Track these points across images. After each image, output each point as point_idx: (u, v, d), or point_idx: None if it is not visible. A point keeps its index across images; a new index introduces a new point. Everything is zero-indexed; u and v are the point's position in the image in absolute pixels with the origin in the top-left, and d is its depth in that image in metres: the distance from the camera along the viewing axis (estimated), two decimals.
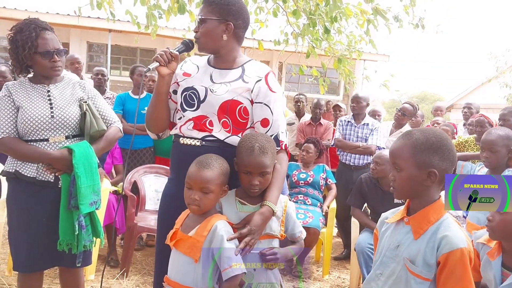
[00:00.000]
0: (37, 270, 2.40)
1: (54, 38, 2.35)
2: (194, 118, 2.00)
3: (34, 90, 2.37)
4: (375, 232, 1.89)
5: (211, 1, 2.00)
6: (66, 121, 2.35)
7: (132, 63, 13.01)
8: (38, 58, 2.31)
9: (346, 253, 4.67)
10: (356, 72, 7.28)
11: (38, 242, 2.31)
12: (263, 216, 1.86)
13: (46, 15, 10.58)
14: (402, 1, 4.99)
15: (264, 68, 2.06)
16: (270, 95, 2.00)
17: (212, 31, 1.98)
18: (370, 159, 4.44)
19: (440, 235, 1.57)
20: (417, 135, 1.63)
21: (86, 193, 2.30)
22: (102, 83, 5.26)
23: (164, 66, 2.01)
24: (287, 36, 5.96)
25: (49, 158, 2.28)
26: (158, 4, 5.05)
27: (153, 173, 4.32)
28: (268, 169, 1.87)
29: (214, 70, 2.06)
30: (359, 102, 4.78)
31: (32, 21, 2.33)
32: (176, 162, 2.06)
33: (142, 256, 4.29)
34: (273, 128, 2.02)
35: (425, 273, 1.57)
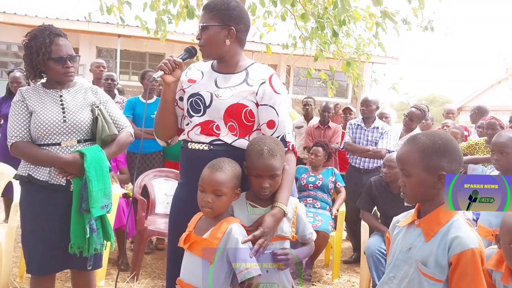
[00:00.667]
0: (49, 273, 2.43)
1: (68, 44, 2.39)
2: (201, 123, 2.02)
3: (47, 95, 2.41)
4: (388, 236, 1.89)
5: (211, 8, 2.02)
6: (78, 125, 2.38)
7: (141, 68, 13.12)
8: (51, 64, 2.34)
9: (356, 257, 4.65)
10: (364, 75, 7.28)
11: (50, 245, 2.34)
12: (275, 218, 1.87)
13: (56, 21, 10.69)
14: (411, 3, 4.99)
15: (267, 70, 2.08)
16: (275, 97, 2.01)
17: (215, 37, 2.00)
18: (380, 162, 4.42)
19: (451, 236, 1.57)
20: (423, 140, 1.63)
21: (97, 196, 2.33)
22: (112, 88, 5.30)
23: (169, 74, 2.03)
24: (295, 40, 5.99)
25: (61, 162, 2.30)
26: (167, 9, 5.10)
27: (163, 176, 4.34)
28: (277, 172, 1.88)
29: (218, 75, 2.08)
30: (368, 106, 4.77)
31: (46, 27, 2.37)
32: (185, 167, 2.08)
33: (152, 260, 4.31)
34: (279, 129, 2.03)
35: (438, 274, 1.58)
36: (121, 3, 5.01)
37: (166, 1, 5.05)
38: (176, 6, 5.10)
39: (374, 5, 4.91)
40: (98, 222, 2.39)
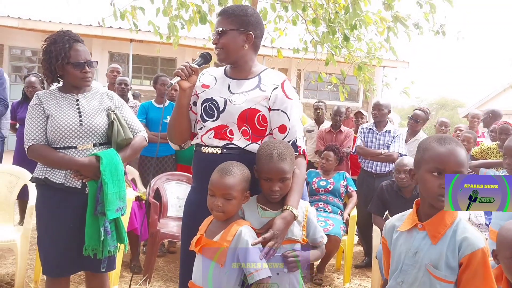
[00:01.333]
0: (64, 275, 2.47)
1: (86, 50, 2.45)
2: (214, 127, 2.06)
3: (64, 99, 2.46)
4: (383, 241, 1.88)
5: (229, 13, 2.06)
6: (94, 129, 2.42)
7: (153, 73, 13.22)
8: (70, 68, 2.40)
9: (367, 261, 4.64)
10: (376, 79, 7.27)
11: (65, 247, 2.37)
12: (285, 221, 1.89)
13: (69, 26, 10.83)
14: (422, 8, 4.98)
15: (280, 76, 2.12)
16: (286, 102, 2.06)
17: (233, 42, 2.04)
18: (392, 166, 4.40)
19: (460, 237, 1.59)
20: None
21: (112, 199, 2.37)
22: (125, 93, 5.37)
23: (185, 80, 2.06)
24: (306, 44, 6.01)
25: (78, 165, 2.35)
26: (179, 14, 5.14)
27: (175, 180, 4.38)
28: (287, 175, 1.91)
29: (231, 81, 2.12)
30: (380, 110, 4.76)
31: (66, 33, 2.44)
32: (198, 171, 2.11)
33: (164, 263, 4.35)
34: (290, 134, 2.06)
35: (449, 276, 1.59)
36: (135, 8, 5.07)
37: (179, 7, 5.10)
38: (189, 11, 5.15)
39: (386, 9, 4.91)
40: (112, 225, 2.43)
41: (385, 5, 4.83)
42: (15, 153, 4.82)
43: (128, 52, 11.95)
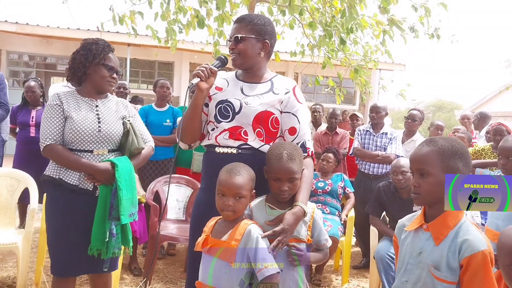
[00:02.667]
0: (72, 275, 2.53)
1: (118, 61, 2.61)
2: (229, 128, 2.12)
3: (84, 102, 2.53)
4: (394, 239, 1.93)
5: (248, 21, 2.14)
6: (111, 136, 2.49)
7: (150, 76, 13.26)
8: (102, 68, 2.51)
9: (365, 262, 4.68)
10: (372, 82, 7.33)
11: (75, 247, 2.43)
12: (295, 216, 1.95)
13: (67, 31, 10.89)
14: (418, 11, 5.05)
15: (291, 82, 2.24)
16: (297, 106, 2.17)
17: (251, 49, 2.13)
18: (389, 168, 4.46)
19: (461, 239, 1.61)
20: (441, 142, 1.68)
21: (126, 205, 2.44)
22: (124, 96, 5.41)
23: (203, 81, 2.11)
24: (303, 48, 6.06)
25: (94, 170, 2.41)
26: (177, 19, 5.19)
27: (174, 183, 4.42)
28: (296, 175, 1.97)
29: (244, 84, 2.20)
30: (378, 112, 4.82)
31: (105, 42, 2.59)
32: (211, 171, 2.13)
33: (164, 265, 4.38)
34: (300, 136, 2.16)
35: (450, 277, 1.62)
36: (133, 13, 5.12)
37: (177, 11, 5.15)
38: (187, 15, 5.20)
39: (381, 13, 4.97)
40: (119, 228, 2.48)
41: (381, 8, 4.90)
42: (15, 157, 4.84)
43: (125, 56, 11.98)
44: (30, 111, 4.87)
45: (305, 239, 2.01)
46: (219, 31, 5.50)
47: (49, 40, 11.82)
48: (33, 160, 4.47)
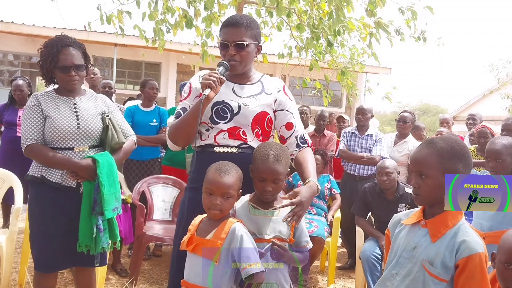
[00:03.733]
0: (56, 270, 2.58)
1: (76, 54, 2.51)
2: (228, 129, 2.14)
3: (62, 101, 2.54)
4: (387, 233, 1.94)
5: (246, 26, 2.12)
6: (90, 132, 2.52)
7: (137, 77, 13.19)
8: (57, 72, 2.49)
9: (351, 263, 4.72)
10: (358, 85, 7.38)
11: (59, 244, 2.46)
12: (311, 190, 2.01)
13: (53, 30, 10.77)
14: (404, 14, 5.10)
15: (279, 81, 2.32)
16: (290, 103, 2.27)
17: (251, 54, 2.17)
18: (375, 169, 4.49)
19: (459, 239, 1.63)
20: (441, 144, 1.69)
21: (109, 200, 2.48)
22: (109, 96, 5.37)
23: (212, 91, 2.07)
24: (290, 50, 6.08)
25: (76, 167, 2.45)
26: (165, 19, 5.18)
27: (161, 183, 4.40)
28: (281, 177, 1.98)
29: (234, 85, 2.21)
30: (364, 114, 4.87)
31: (59, 38, 2.52)
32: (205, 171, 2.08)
33: (150, 266, 4.36)
34: (296, 130, 2.25)
35: (443, 274, 1.64)
36: (121, 13, 5.09)
37: (165, 11, 5.13)
38: (175, 15, 5.19)
39: (368, 16, 5.01)
40: (105, 223, 2.52)
41: (367, 11, 4.94)
42: (0, 156, 4.78)
43: (112, 56, 11.92)
44: (17, 110, 4.83)
45: (287, 239, 2.01)
46: (207, 32, 5.49)
47: (35, 39, 11.68)
48: (18, 159, 4.40)
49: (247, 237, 1.85)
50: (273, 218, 1.99)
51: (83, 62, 2.55)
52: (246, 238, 1.84)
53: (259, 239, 1.94)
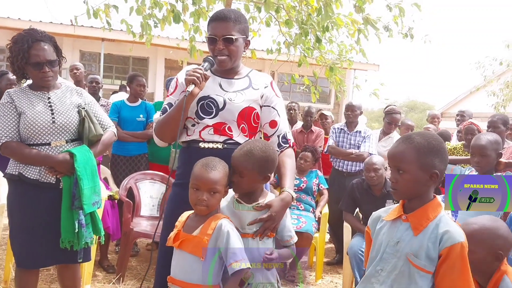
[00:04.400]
0: (38, 267, 2.55)
1: (48, 49, 2.44)
2: (213, 124, 2.11)
3: (35, 96, 2.49)
4: (367, 230, 1.94)
5: (235, 20, 2.10)
6: (66, 126, 2.48)
7: (124, 72, 13.07)
8: (29, 68, 2.44)
9: (339, 258, 4.73)
10: (346, 81, 7.39)
11: (40, 240, 2.43)
12: (283, 202, 1.98)
13: (39, 24, 10.61)
14: (392, 11, 5.11)
15: (267, 77, 2.28)
16: (276, 100, 2.22)
17: (240, 49, 2.14)
18: (363, 165, 4.51)
19: (442, 230, 1.65)
20: (418, 139, 1.71)
21: (88, 194, 2.45)
22: (96, 91, 5.33)
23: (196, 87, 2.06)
24: (279, 45, 6.07)
25: (53, 162, 2.40)
26: (153, 13, 5.13)
27: (148, 179, 4.37)
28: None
29: (221, 79, 2.19)
30: (353, 111, 4.89)
31: (28, 32, 2.44)
32: (191, 166, 2.07)
33: (137, 262, 4.33)
34: (280, 128, 2.21)
35: (428, 266, 1.66)
36: (108, 7, 5.04)
37: (152, 5, 5.09)
38: (162, 10, 5.14)
39: (357, 12, 5.02)
40: (88, 217, 2.49)
41: (356, 7, 4.95)
42: None
43: (99, 51, 11.80)
44: None
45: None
46: (195, 27, 5.46)
47: None
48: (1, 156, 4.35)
49: (233, 233, 1.84)
50: (256, 213, 1.97)
51: (56, 57, 2.48)
52: (232, 234, 1.83)
53: (242, 234, 1.93)
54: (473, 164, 3.09)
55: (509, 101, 14.07)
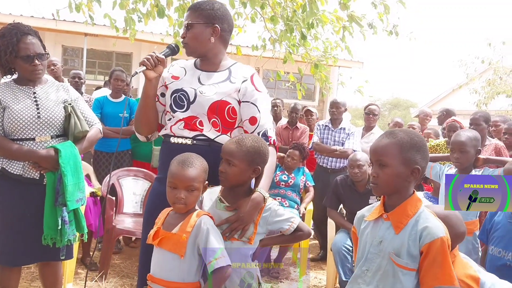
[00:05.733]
0: (21, 264, 2.52)
1: (36, 43, 2.43)
2: (184, 118, 2.08)
3: (21, 91, 2.45)
4: (353, 230, 1.95)
5: (197, 7, 2.10)
6: (52, 121, 2.44)
7: (107, 67, 12.91)
8: (19, 62, 2.39)
9: (323, 254, 4.76)
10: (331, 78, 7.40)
11: (23, 237, 2.39)
12: (253, 203, 1.93)
13: (20, 18, 10.42)
14: (377, 8, 5.13)
15: (249, 69, 2.18)
16: (256, 94, 2.12)
17: (200, 35, 2.08)
18: (347, 162, 4.53)
19: (421, 226, 1.66)
20: (401, 135, 1.72)
21: (72, 190, 2.41)
22: (79, 86, 5.25)
23: (151, 70, 2.07)
24: (264, 42, 6.04)
25: (37, 157, 2.37)
26: (137, 8, 5.07)
27: (131, 176, 4.33)
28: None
29: (201, 73, 2.15)
30: (338, 107, 4.93)
31: (15, 26, 2.41)
32: (166, 161, 2.07)
33: (120, 259, 4.29)
34: (260, 125, 2.12)
35: (411, 264, 1.67)
36: (91, 1, 4.95)
37: (136, 0, 5.02)
38: (146, 4, 5.08)
39: (342, 9, 5.02)
40: (71, 214, 2.46)
41: (341, 4, 4.95)
42: None
43: (82, 46, 11.63)
44: None
45: (247, 238, 1.94)
46: (179, 22, 5.39)
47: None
48: None
49: (213, 230, 1.82)
50: (229, 213, 1.94)
51: (43, 51, 2.46)
52: (212, 231, 1.81)
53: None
54: (452, 160, 3.14)
55: (491, 98, 14.24)
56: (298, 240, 2.12)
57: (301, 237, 2.07)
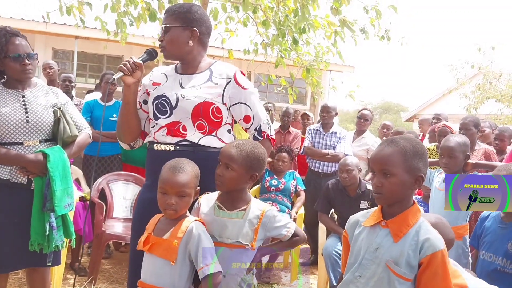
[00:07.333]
0: (9, 271, 2.48)
1: (25, 44, 2.41)
2: (167, 124, 2.05)
3: (9, 94, 2.42)
4: (345, 235, 1.91)
5: (173, 11, 2.08)
6: (40, 125, 2.40)
7: (98, 70, 12.85)
8: (9, 62, 2.36)
9: (314, 259, 4.75)
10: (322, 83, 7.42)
11: (10, 242, 2.35)
12: None
13: (10, 20, 10.34)
14: (369, 13, 5.16)
15: (231, 68, 2.15)
16: (243, 93, 2.12)
17: (177, 38, 2.06)
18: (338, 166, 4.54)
19: (422, 237, 1.64)
20: (403, 143, 1.69)
21: (61, 195, 2.37)
22: (69, 90, 5.20)
23: (129, 76, 2.05)
24: (256, 46, 6.06)
25: (25, 162, 2.33)
26: (128, 11, 5.05)
27: (121, 180, 4.29)
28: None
29: (182, 77, 2.14)
30: (329, 112, 4.93)
31: (2, 28, 2.39)
32: (151, 168, 2.09)
33: (110, 264, 4.25)
34: (255, 122, 2.16)
35: (408, 274, 1.64)
36: (82, 3, 4.93)
37: (127, 3, 5.00)
38: (138, 8, 5.07)
39: (333, 14, 5.05)
40: (59, 220, 2.43)
41: (333, 9, 4.98)
42: None
43: (73, 49, 11.56)
44: None
45: (248, 244, 1.91)
46: None
47: None
48: None
49: (204, 236, 1.81)
50: (237, 221, 1.91)
51: (32, 51, 2.44)
52: (203, 237, 1.80)
53: (218, 243, 1.88)
54: (441, 165, 3.15)
55: (481, 103, 14.36)
56: (295, 245, 2.09)
57: (297, 242, 2.05)
